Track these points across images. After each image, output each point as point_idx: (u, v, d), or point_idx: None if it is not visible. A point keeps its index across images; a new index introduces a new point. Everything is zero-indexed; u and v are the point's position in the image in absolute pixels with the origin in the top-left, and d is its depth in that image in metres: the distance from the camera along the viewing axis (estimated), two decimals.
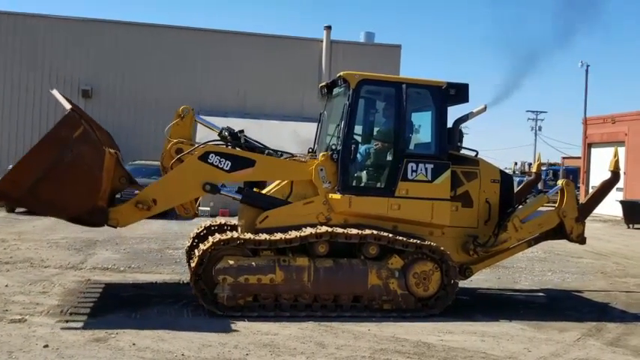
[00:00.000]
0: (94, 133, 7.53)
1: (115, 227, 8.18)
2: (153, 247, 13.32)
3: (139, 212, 8.06)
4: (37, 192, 7.08)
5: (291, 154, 8.97)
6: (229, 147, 8.59)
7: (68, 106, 7.48)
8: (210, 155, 8.23)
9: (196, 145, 8.41)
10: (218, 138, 8.78)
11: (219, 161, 8.23)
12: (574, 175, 36.70)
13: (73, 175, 7.19)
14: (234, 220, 10.13)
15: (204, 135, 22.93)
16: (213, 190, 8.27)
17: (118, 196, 8.37)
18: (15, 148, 25.10)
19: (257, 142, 8.81)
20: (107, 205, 7.85)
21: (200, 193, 8.37)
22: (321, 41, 28.41)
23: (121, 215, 8.08)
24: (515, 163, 58.33)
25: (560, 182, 9.51)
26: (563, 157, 50.98)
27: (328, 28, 28.36)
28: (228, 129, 8.73)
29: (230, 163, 8.28)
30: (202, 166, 8.22)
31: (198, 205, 21.69)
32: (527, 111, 64.71)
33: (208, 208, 21.88)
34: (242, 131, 8.75)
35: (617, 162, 9.55)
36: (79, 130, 7.18)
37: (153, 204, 8.08)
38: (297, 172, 8.61)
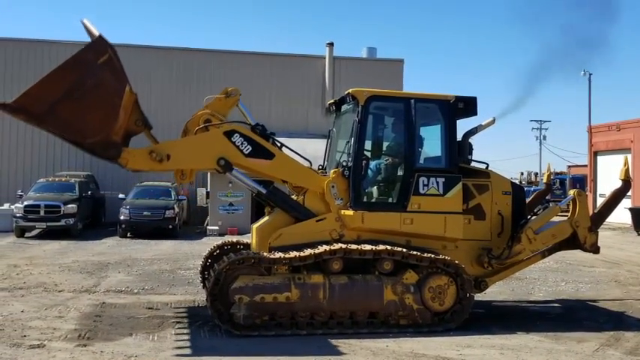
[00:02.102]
0: (119, 64, 7.60)
1: (123, 167, 8.11)
2: (165, 268, 13.33)
3: (150, 161, 8.11)
4: (57, 111, 7.21)
5: (309, 161, 9.04)
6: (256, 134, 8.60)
7: (97, 33, 7.57)
8: (236, 134, 8.33)
9: (225, 121, 8.53)
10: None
11: (242, 143, 8.32)
12: (581, 183, 36.62)
13: (94, 100, 7.35)
14: (246, 239, 10.16)
15: None
16: (226, 166, 8.29)
17: None
18: (14, 180, 25.30)
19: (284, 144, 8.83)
20: (121, 143, 7.95)
21: (212, 165, 8.35)
22: (324, 58, 28.62)
23: (133, 158, 8.10)
24: (522, 173, 58.15)
25: (571, 192, 9.52)
26: (569, 166, 50.88)
27: (330, 44, 28.57)
28: (263, 126, 8.78)
29: (251, 148, 8.35)
30: (224, 141, 8.30)
31: (207, 224, 21.60)
32: (532, 120, 64.46)
33: (217, 227, 21.94)
34: (274, 134, 8.84)
35: (627, 170, 9.56)
36: (104, 56, 7.32)
37: (165, 158, 8.13)
38: (311, 182, 8.64)
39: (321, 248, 7.96)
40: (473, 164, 9.16)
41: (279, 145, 8.74)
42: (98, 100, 7.41)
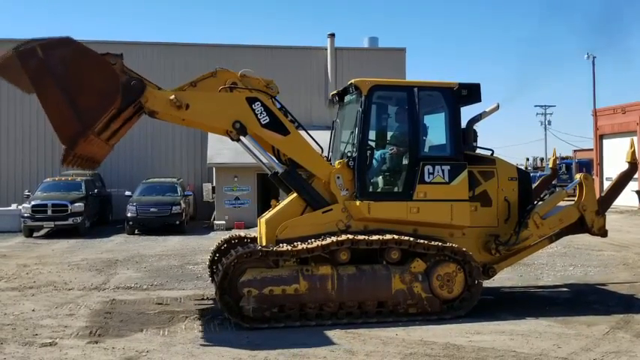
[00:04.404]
0: (50, 39, 7.65)
1: (143, 105, 8.14)
2: (173, 264, 13.38)
3: (168, 105, 8.15)
4: (83, 110, 7.48)
5: (322, 148, 9.08)
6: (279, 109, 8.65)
7: (10, 53, 7.50)
8: (257, 102, 8.40)
9: (251, 88, 8.60)
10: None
11: (261, 112, 8.39)
12: (587, 167, 36.45)
13: (80, 71, 7.55)
14: (253, 233, 10.19)
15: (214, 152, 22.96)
16: (240, 130, 8.34)
17: None
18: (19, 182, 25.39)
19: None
20: (131, 77, 8.10)
21: (227, 125, 8.37)
22: (326, 49, 28.52)
23: (153, 98, 8.15)
24: (527, 159, 57.94)
25: (578, 176, 9.49)
26: (575, 150, 50.67)
27: (332, 35, 28.46)
28: (287, 110, 8.85)
29: (268, 120, 8.41)
30: (245, 106, 8.37)
31: (213, 219, 21.70)
32: (536, 106, 64.13)
33: (224, 222, 21.99)
34: (297, 121, 8.87)
35: (634, 153, 9.51)
36: (34, 55, 7.39)
37: (184, 107, 8.17)
38: (319, 168, 8.62)
39: (329, 239, 7.97)
40: (478, 151, 9.13)
41: (296, 125, 8.77)
42: (82, 68, 7.58)
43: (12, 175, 25.70)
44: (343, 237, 7.98)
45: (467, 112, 8.99)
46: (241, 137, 8.51)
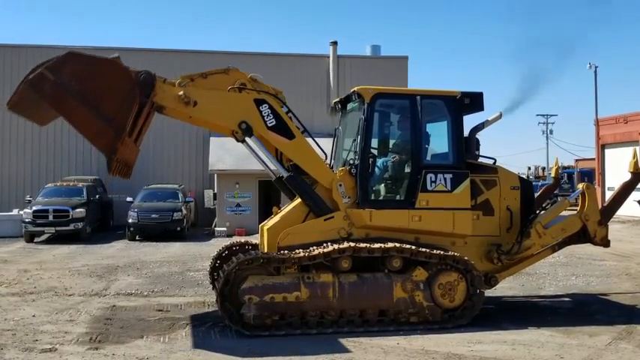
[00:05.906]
0: (47, 62, 7.71)
1: (153, 99, 8.15)
2: (174, 270, 13.35)
3: (177, 102, 8.16)
4: (110, 115, 7.59)
5: (326, 154, 9.10)
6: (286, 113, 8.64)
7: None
8: (265, 104, 8.42)
9: (259, 90, 8.57)
10: None
11: (268, 114, 8.41)
12: (589, 177, 36.41)
13: (94, 80, 7.64)
14: (254, 239, 10.17)
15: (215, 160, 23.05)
16: (246, 131, 8.35)
17: None
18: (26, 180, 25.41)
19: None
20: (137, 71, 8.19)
21: (233, 125, 8.39)
22: (328, 57, 28.58)
23: (162, 92, 8.18)
24: (529, 168, 57.95)
25: (580, 186, 9.47)
26: (577, 160, 50.65)
27: (334, 43, 28.52)
28: (295, 115, 8.83)
29: (274, 122, 8.42)
30: (252, 107, 8.38)
31: (214, 226, 21.66)
32: (538, 115, 64.17)
33: (225, 228, 21.97)
34: (303, 129, 8.87)
35: (636, 163, 9.48)
36: (46, 80, 7.43)
37: (192, 104, 8.18)
38: (322, 174, 8.62)
39: (330, 247, 7.95)
40: (480, 160, 9.13)
41: (302, 130, 8.76)
42: (95, 76, 7.66)
43: (13, 181, 25.71)
44: (345, 245, 7.97)
45: (469, 121, 8.99)
46: (246, 138, 8.52)
